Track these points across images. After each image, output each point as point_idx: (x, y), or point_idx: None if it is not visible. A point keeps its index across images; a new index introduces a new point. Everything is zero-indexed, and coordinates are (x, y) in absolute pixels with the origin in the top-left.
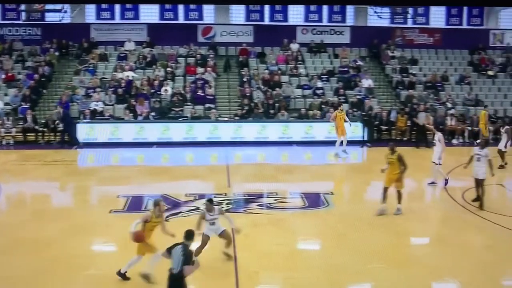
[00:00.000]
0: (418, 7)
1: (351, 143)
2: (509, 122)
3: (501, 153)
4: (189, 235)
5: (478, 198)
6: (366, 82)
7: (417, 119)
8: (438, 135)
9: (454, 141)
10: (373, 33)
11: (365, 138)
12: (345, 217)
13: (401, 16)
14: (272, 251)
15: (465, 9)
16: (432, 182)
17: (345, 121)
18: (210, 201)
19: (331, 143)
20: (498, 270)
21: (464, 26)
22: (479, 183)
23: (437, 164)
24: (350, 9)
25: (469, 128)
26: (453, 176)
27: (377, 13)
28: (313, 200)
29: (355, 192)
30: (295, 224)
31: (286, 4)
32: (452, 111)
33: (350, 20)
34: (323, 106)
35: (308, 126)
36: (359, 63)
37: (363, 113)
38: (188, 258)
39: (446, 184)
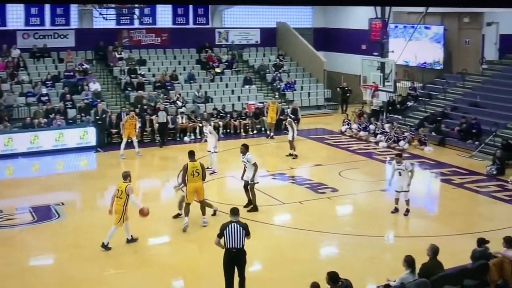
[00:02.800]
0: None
1: (83, 149)
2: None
3: (291, 143)
4: (236, 211)
5: (250, 203)
6: (94, 86)
7: (158, 118)
8: (209, 128)
9: (186, 139)
10: (99, 35)
11: (96, 143)
12: (78, 227)
13: (127, 17)
14: (2, 273)
15: (191, 8)
16: (208, 168)
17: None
18: None
19: (59, 151)
20: None
21: (191, 25)
22: (250, 187)
23: (212, 152)
24: (74, 12)
25: (200, 125)
26: None
27: (102, 14)
28: (43, 213)
29: (88, 200)
30: (25, 240)
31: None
32: (182, 110)
33: (74, 23)
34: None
35: (33, 135)
36: (86, 66)
37: (97, 117)
38: (247, 230)
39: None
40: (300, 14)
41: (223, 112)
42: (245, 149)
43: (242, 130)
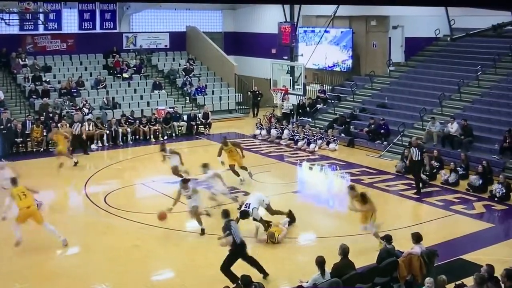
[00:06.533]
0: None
1: None
2: None
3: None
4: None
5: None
6: None
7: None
8: (169, 150)
9: (93, 146)
10: (1, 41)
11: (1, 154)
12: None
13: (32, 23)
14: None
15: (97, 13)
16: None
17: None
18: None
19: None
20: (146, 266)
21: (98, 30)
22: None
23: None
24: None
25: (107, 132)
26: (93, 181)
27: (4, 20)
28: None
29: None
30: None
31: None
32: (89, 116)
33: None
34: None
35: None
36: None
37: (1, 127)
38: None
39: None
40: (210, 18)
41: (131, 118)
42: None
43: (152, 136)
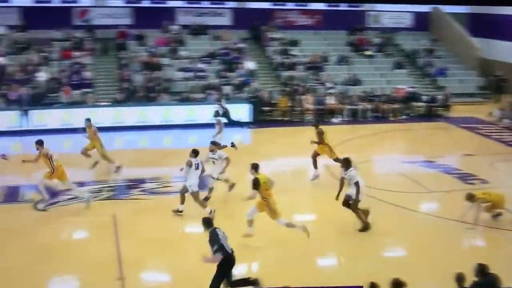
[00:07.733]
0: None
1: (236, 125)
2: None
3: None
4: (210, 221)
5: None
6: (248, 64)
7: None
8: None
9: (334, 120)
10: (254, 15)
11: (250, 120)
12: (225, 199)
13: None
14: (156, 237)
15: None
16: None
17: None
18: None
19: (214, 126)
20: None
21: (343, 7)
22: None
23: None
24: None
25: (348, 106)
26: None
27: None
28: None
29: (239, 173)
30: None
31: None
32: (332, 91)
33: (231, 2)
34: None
35: (190, 109)
36: (241, 45)
37: (251, 95)
38: None
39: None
40: None
41: (371, 95)
42: (346, 164)
43: (391, 114)
